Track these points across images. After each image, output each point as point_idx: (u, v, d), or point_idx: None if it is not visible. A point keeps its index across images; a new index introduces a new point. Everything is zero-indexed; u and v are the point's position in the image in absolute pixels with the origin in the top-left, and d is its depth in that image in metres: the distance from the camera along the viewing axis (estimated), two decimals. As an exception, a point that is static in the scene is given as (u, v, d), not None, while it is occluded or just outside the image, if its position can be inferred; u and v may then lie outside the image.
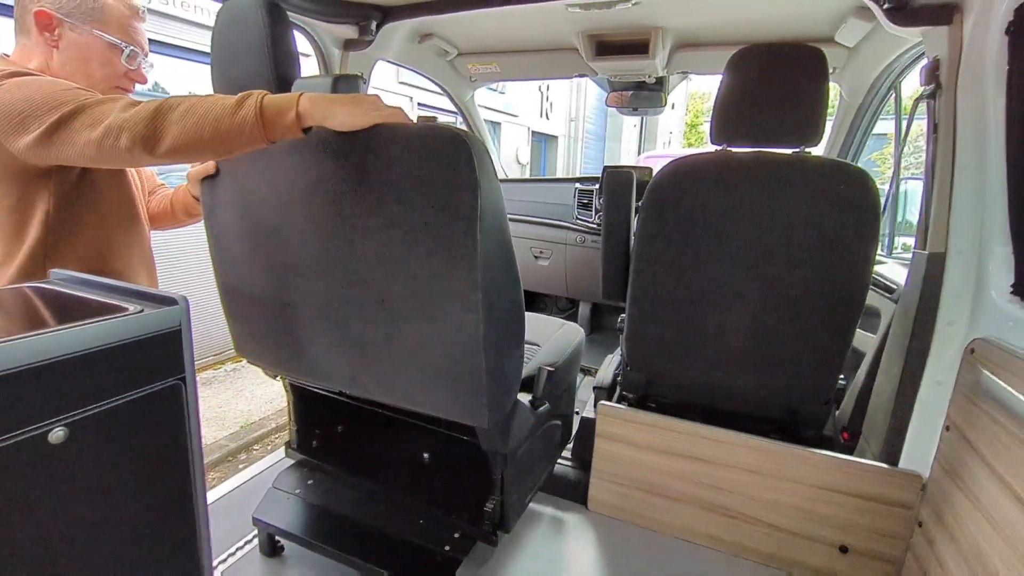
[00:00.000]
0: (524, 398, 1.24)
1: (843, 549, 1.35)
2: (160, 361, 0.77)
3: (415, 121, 0.98)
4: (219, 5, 1.18)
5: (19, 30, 1.15)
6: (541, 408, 1.29)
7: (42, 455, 0.65)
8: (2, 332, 0.62)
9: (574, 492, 1.64)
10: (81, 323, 0.68)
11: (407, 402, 1.17)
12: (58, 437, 0.65)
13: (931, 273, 1.21)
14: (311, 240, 1.06)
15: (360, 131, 0.93)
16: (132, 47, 1.20)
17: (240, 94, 0.92)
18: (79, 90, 0.99)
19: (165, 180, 1.56)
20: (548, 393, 1.30)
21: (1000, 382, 1.01)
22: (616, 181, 1.64)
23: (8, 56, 1.16)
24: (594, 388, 1.78)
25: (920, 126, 1.39)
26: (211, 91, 1.10)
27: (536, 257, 3.03)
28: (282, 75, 1.06)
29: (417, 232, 0.93)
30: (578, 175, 3.14)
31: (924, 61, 1.27)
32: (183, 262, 4.27)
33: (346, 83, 1.08)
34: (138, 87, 1.32)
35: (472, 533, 1.30)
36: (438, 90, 2.84)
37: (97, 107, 0.94)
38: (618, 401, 1.66)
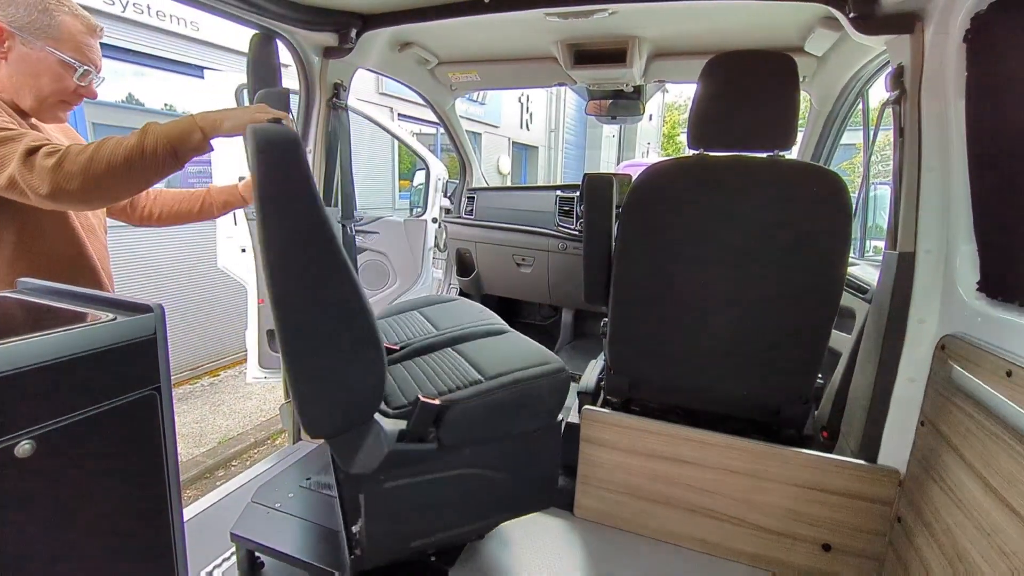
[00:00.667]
0: (397, 426, 1.16)
1: (826, 547, 1.36)
2: (133, 370, 0.75)
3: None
4: (195, 13, 1.27)
5: None
6: (425, 445, 1.16)
7: (8, 470, 0.62)
8: (-34, 342, 0.59)
9: (560, 498, 1.63)
10: (49, 332, 0.66)
11: None
12: (25, 451, 0.63)
13: (901, 273, 1.25)
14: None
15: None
16: (85, 66, 1.17)
17: (134, 132, 1.01)
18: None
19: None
20: (443, 433, 1.17)
21: (970, 376, 1.04)
22: (597, 185, 1.66)
23: None
24: (578, 393, 1.78)
25: (887, 135, 1.43)
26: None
27: (519, 265, 3.03)
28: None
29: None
30: (559, 183, 3.16)
31: (889, 69, 1.32)
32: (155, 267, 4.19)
33: (271, 98, 1.16)
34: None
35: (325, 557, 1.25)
36: (420, 101, 2.85)
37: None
38: (602, 405, 1.66)
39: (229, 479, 1.78)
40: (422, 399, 1.15)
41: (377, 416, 1.14)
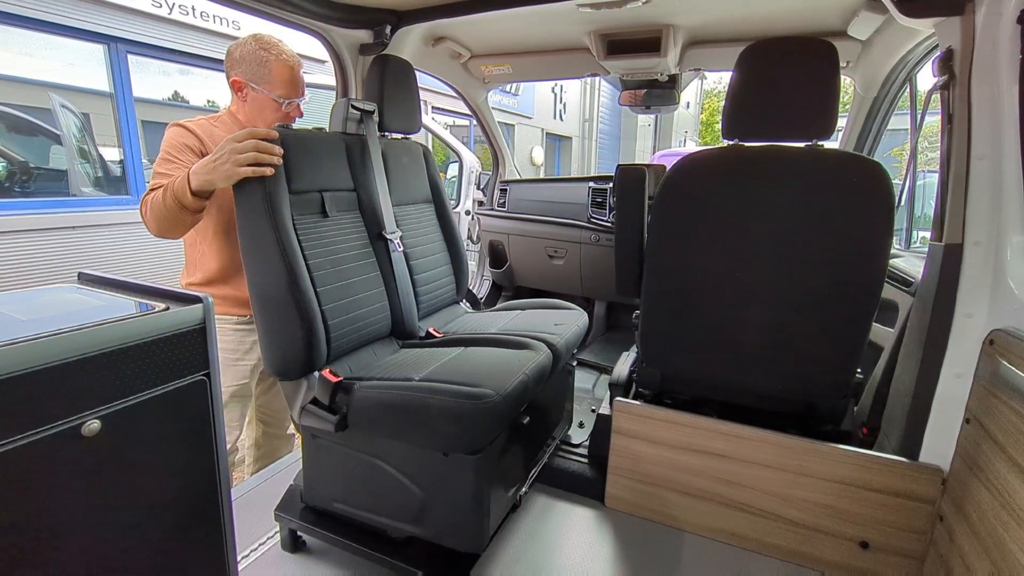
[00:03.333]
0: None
1: (864, 545, 1.34)
2: (186, 357, 0.80)
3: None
4: (236, 13, 1.32)
5: (231, 90, 1.57)
6: (326, 414, 1.25)
7: (75, 447, 0.68)
8: (37, 330, 0.65)
9: (591, 489, 1.65)
10: (110, 320, 0.71)
11: None
12: (91, 430, 0.68)
13: (948, 265, 1.20)
14: None
15: None
16: (288, 99, 1.54)
17: (165, 187, 1.32)
18: (159, 178, 1.39)
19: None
20: (350, 413, 1.23)
21: (1020, 373, 1.00)
22: (629, 177, 1.65)
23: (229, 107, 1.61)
24: (610, 385, 1.78)
25: (939, 121, 1.38)
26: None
27: (551, 256, 3.03)
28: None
29: None
30: (592, 174, 3.14)
31: (938, 52, 1.26)
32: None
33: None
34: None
35: None
36: (453, 93, 2.87)
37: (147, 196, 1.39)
38: (634, 398, 1.66)
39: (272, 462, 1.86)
40: (321, 372, 1.29)
41: (314, 375, 1.31)
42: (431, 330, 1.66)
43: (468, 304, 2.06)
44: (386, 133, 1.70)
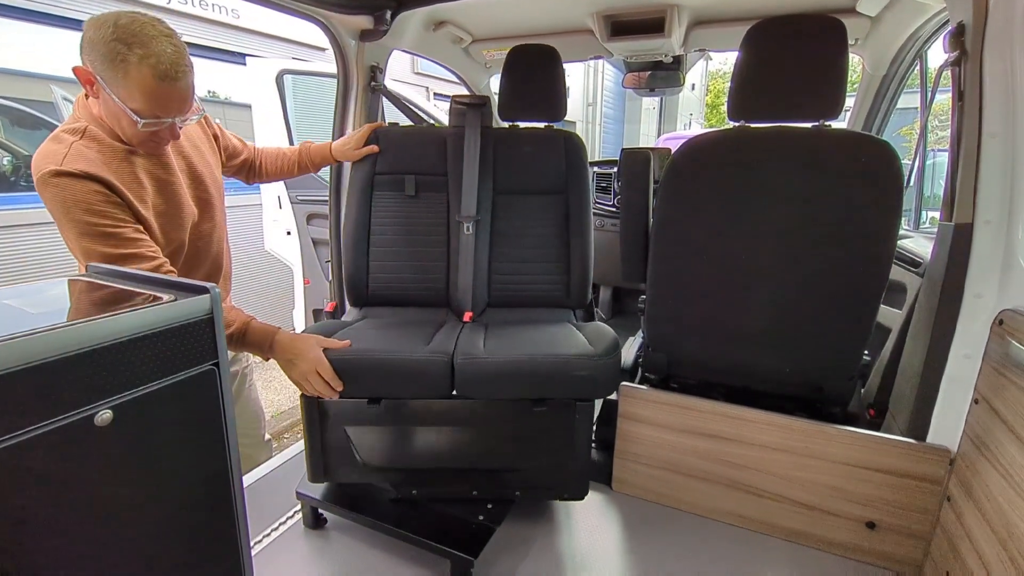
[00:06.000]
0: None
1: (870, 525, 1.34)
2: (194, 347, 0.80)
3: None
4: (235, 1, 1.25)
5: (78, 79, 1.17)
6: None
7: (89, 436, 0.69)
8: (48, 322, 0.65)
9: (598, 473, 1.66)
10: (120, 311, 0.71)
11: None
12: (104, 419, 0.69)
13: (957, 245, 1.19)
14: None
15: None
16: (146, 120, 1.12)
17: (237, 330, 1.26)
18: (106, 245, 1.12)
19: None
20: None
21: None
22: (633, 161, 1.63)
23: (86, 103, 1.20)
24: None
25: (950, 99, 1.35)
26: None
27: None
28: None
29: None
30: (597, 159, 3.11)
31: (949, 28, 1.24)
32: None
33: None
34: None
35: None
36: (455, 79, 2.84)
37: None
38: (640, 382, 1.66)
39: (283, 448, 1.89)
40: (326, 302, 1.71)
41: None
42: (467, 314, 1.67)
43: (579, 312, 1.83)
44: (515, 123, 1.83)
